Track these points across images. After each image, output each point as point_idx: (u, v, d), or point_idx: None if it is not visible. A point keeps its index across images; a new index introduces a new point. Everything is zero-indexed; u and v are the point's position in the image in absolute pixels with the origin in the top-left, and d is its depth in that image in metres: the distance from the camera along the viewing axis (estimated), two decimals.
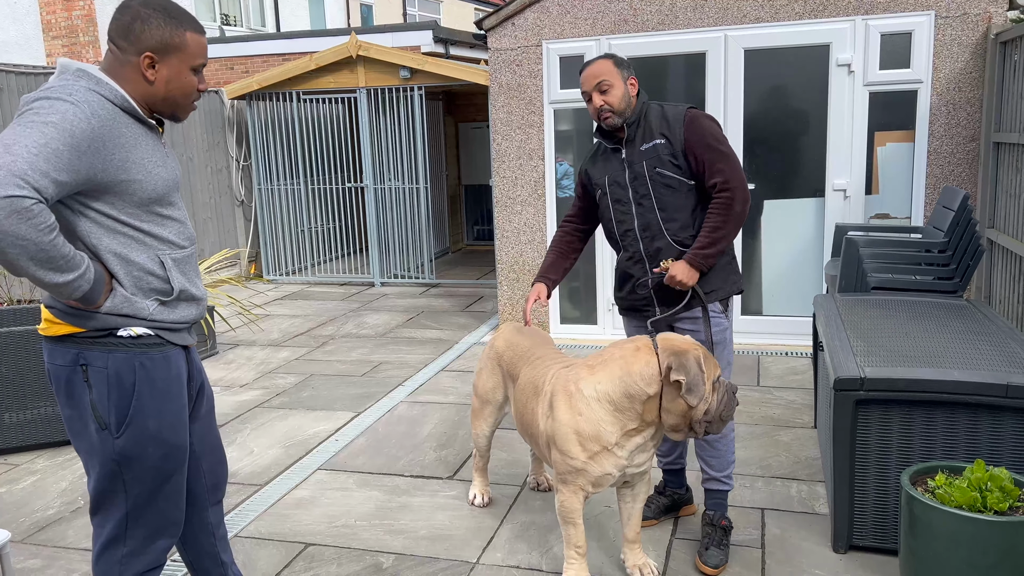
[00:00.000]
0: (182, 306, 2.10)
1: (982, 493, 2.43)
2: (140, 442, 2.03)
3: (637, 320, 3.15)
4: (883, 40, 5.29)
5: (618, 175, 3.01)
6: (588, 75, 2.95)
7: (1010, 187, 4.79)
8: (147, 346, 2.02)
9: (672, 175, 2.92)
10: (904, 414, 2.82)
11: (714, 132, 2.91)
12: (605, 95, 2.91)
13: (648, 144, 2.95)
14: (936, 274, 4.02)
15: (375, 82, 8.30)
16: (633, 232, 3.02)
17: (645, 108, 2.99)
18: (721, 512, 3.08)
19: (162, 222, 2.04)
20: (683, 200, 2.94)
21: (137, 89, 1.99)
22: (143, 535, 2.11)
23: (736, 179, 2.86)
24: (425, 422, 4.52)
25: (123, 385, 1.99)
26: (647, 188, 2.95)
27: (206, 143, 8.81)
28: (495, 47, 6.06)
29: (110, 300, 1.96)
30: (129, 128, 1.95)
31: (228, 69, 10.40)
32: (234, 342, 6.46)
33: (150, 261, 2.01)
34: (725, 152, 2.89)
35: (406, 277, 8.80)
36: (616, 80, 2.91)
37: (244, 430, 4.50)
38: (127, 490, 2.06)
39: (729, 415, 2.55)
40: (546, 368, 2.87)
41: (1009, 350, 3.00)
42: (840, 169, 5.49)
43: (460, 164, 10.96)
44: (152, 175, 1.98)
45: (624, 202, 3.02)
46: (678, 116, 2.93)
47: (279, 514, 3.47)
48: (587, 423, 2.58)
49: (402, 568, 3.01)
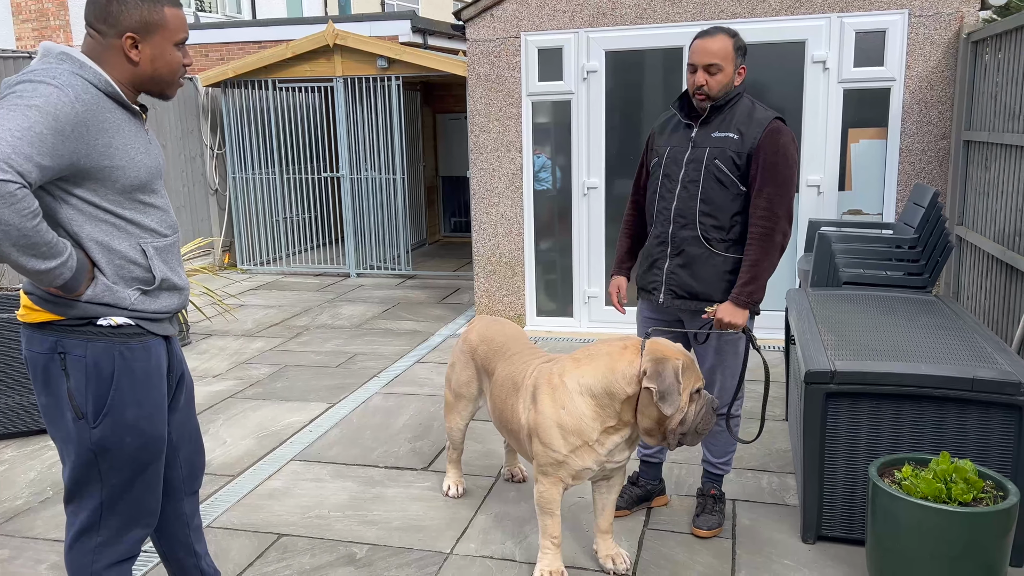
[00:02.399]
0: (164, 295, 2.07)
1: (947, 485, 2.48)
2: (117, 432, 2.01)
3: (647, 308, 3.15)
4: (857, 38, 5.34)
5: (679, 151, 2.95)
6: (703, 49, 2.81)
7: (979, 185, 4.87)
8: (127, 336, 2.00)
9: (728, 173, 2.86)
10: (873, 407, 2.87)
11: (788, 153, 2.81)
12: (710, 76, 2.82)
13: (721, 134, 2.87)
14: (906, 270, 4.08)
15: (352, 71, 8.24)
16: (668, 212, 2.96)
17: (737, 98, 2.90)
18: (711, 484, 3.20)
19: (145, 210, 2.01)
20: (728, 201, 2.88)
21: (123, 72, 1.96)
22: (117, 525, 2.09)
23: (782, 210, 2.79)
24: (400, 413, 4.51)
25: (101, 374, 1.97)
26: (699, 174, 2.89)
27: (180, 130, 8.70)
28: (473, 38, 6.04)
29: (91, 289, 1.94)
30: (112, 113, 1.92)
31: (203, 56, 10.27)
32: (207, 332, 6.40)
33: (132, 249, 1.99)
34: (785, 178, 2.80)
35: (382, 268, 8.76)
36: (728, 66, 2.82)
37: (217, 420, 4.46)
38: (103, 479, 2.04)
39: (705, 429, 2.55)
40: (525, 364, 2.87)
41: (975, 345, 3.06)
42: (814, 165, 5.55)
43: (437, 155, 10.92)
44: (135, 162, 1.96)
45: (673, 179, 2.96)
46: (762, 120, 2.84)
47: (252, 505, 3.46)
48: (569, 416, 2.59)
49: (375, 559, 3.01)
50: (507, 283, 6.31)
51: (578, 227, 6.05)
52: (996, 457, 2.78)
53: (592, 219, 6.01)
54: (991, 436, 2.78)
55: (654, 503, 3.36)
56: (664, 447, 2.61)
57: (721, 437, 3.13)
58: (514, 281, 6.28)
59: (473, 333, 3.29)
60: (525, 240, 6.20)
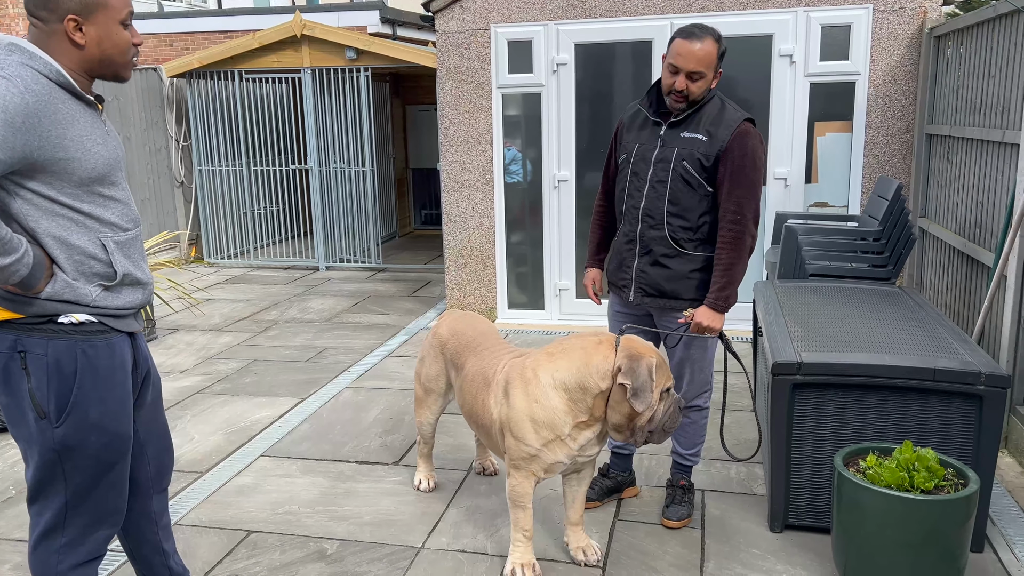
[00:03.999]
0: (127, 291, 2.03)
1: (910, 473, 2.53)
2: (81, 431, 1.97)
3: (618, 302, 3.16)
4: (823, 32, 5.40)
5: (647, 150, 2.94)
6: (691, 55, 2.75)
7: (941, 177, 4.96)
8: (89, 333, 1.96)
9: (695, 175, 2.85)
10: (838, 397, 2.92)
11: (755, 156, 2.81)
12: (692, 83, 2.79)
13: (690, 134, 2.86)
14: (871, 262, 4.15)
15: (320, 62, 8.15)
16: (636, 211, 2.96)
17: (708, 98, 2.88)
18: (681, 475, 3.24)
19: (104, 203, 1.96)
20: (696, 202, 2.88)
21: (71, 58, 1.90)
22: (82, 524, 2.06)
23: (751, 212, 2.81)
24: (371, 408, 4.49)
25: (63, 373, 1.93)
26: (667, 175, 2.88)
27: (144, 122, 8.55)
28: (443, 30, 6.01)
29: (50, 286, 1.89)
30: (65, 104, 1.87)
31: (167, 46, 10.08)
32: (174, 327, 6.31)
33: (92, 244, 1.94)
34: (752, 181, 2.80)
35: (352, 261, 8.70)
36: (710, 73, 2.81)
37: (184, 417, 4.41)
38: (66, 479, 2.00)
39: (672, 427, 2.58)
40: (495, 358, 2.87)
41: (937, 335, 3.12)
42: (781, 158, 5.61)
43: (408, 147, 10.85)
44: (91, 153, 1.91)
45: (641, 178, 2.95)
46: (731, 122, 2.83)
47: (220, 501, 3.42)
48: (542, 410, 2.60)
49: (346, 554, 3.00)
50: (478, 276, 6.30)
51: (549, 220, 6.06)
52: (957, 445, 2.84)
53: (563, 212, 6.02)
54: (952, 425, 2.83)
55: (624, 494, 3.38)
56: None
57: (690, 429, 3.16)
58: (485, 274, 6.27)
59: (443, 327, 3.28)
60: (496, 233, 6.19)
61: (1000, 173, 3.96)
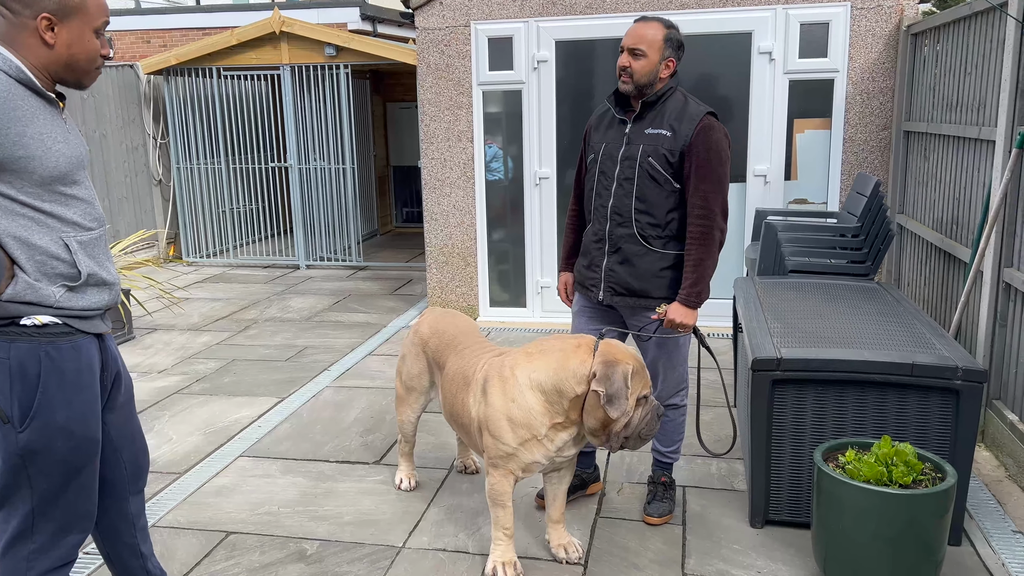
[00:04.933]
0: (91, 291, 1.98)
1: (888, 468, 2.55)
2: (47, 435, 1.93)
3: (585, 299, 3.14)
4: (802, 30, 5.43)
5: (614, 148, 2.94)
6: (633, 32, 2.83)
7: (918, 174, 5.00)
8: (54, 335, 1.92)
9: (661, 171, 2.85)
10: (818, 393, 2.93)
11: (720, 150, 2.81)
12: (634, 59, 2.82)
13: (654, 130, 2.86)
14: (849, 258, 4.17)
15: (299, 59, 8.09)
16: (604, 210, 2.96)
17: (669, 93, 2.89)
18: (662, 471, 3.23)
19: (66, 202, 1.92)
20: (663, 198, 2.88)
21: (37, 56, 1.86)
22: (52, 530, 2.02)
23: (718, 207, 2.81)
24: (351, 407, 4.46)
25: (27, 376, 1.89)
26: (633, 172, 2.88)
27: (120, 119, 8.45)
28: (423, 26, 5.98)
29: (11, 287, 1.85)
30: (25, 101, 1.82)
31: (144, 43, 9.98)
32: (152, 326, 6.25)
33: (54, 244, 1.90)
34: (719, 175, 2.81)
35: (332, 260, 8.65)
36: (653, 54, 2.81)
37: (162, 417, 4.36)
38: (32, 485, 1.96)
39: (649, 435, 2.56)
40: (476, 357, 2.86)
41: (915, 331, 3.14)
42: (761, 155, 5.63)
43: (388, 145, 10.80)
44: (51, 151, 1.86)
45: (608, 176, 2.95)
46: (694, 116, 2.83)
47: (199, 502, 3.39)
48: (519, 410, 2.59)
49: (327, 554, 2.98)
50: (460, 274, 6.28)
51: (530, 217, 6.05)
52: (935, 440, 2.86)
53: (544, 209, 6.01)
54: (930, 419, 2.86)
55: (588, 491, 3.37)
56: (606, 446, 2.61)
57: (669, 427, 3.16)
58: (467, 272, 6.26)
59: (424, 325, 3.26)
60: (477, 230, 6.18)
61: (976, 169, 4.00)
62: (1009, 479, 3.43)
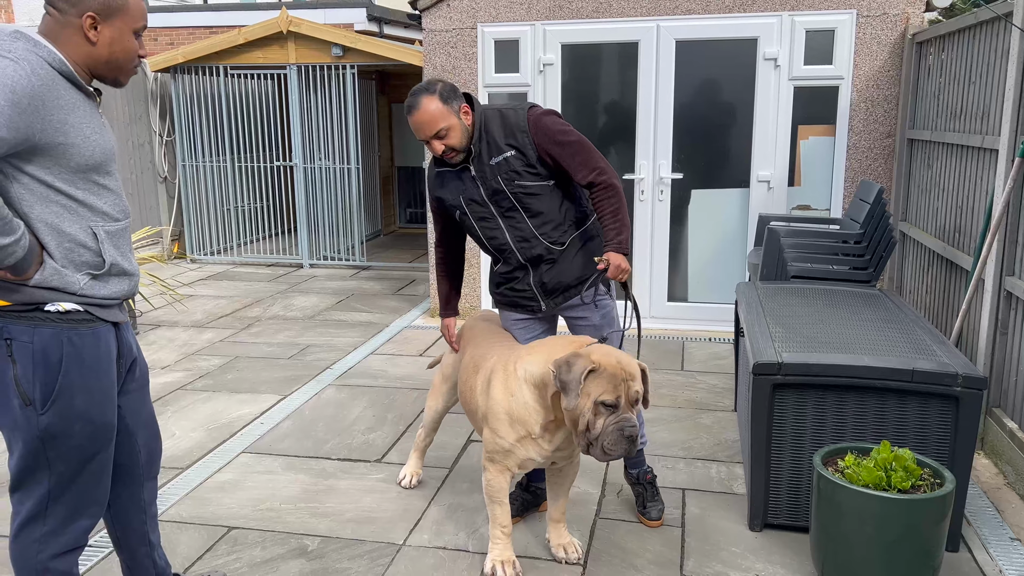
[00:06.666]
0: (113, 281, 2.05)
1: (887, 472, 2.56)
2: (66, 419, 1.99)
3: (518, 313, 3.08)
4: (808, 36, 5.45)
5: (473, 193, 2.90)
6: (420, 124, 2.75)
7: (921, 182, 5.01)
8: (76, 322, 1.98)
9: (534, 183, 2.84)
10: (818, 398, 2.95)
11: (559, 127, 2.81)
12: (445, 139, 2.77)
13: (498, 158, 2.82)
14: (852, 264, 4.19)
15: (306, 59, 8.12)
16: (508, 245, 2.94)
17: (483, 119, 2.84)
18: (641, 467, 3.21)
19: (98, 191, 1.99)
20: (550, 202, 2.89)
21: (79, 52, 1.94)
22: (64, 515, 2.06)
23: (601, 161, 2.82)
24: (353, 405, 4.48)
25: (49, 361, 1.95)
26: (511, 202, 2.86)
27: (127, 116, 8.48)
28: (429, 28, 6.01)
29: (39, 273, 1.91)
30: (67, 92, 1.91)
31: (152, 40, 10.01)
32: (156, 322, 6.27)
33: (82, 232, 1.96)
34: (578, 141, 2.81)
35: (336, 259, 8.67)
36: (451, 120, 2.75)
37: (166, 413, 4.38)
38: (50, 467, 2.01)
39: (612, 450, 2.41)
40: (489, 347, 2.90)
41: (916, 337, 3.16)
42: (765, 161, 5.65)
43: (393, 145, 10.83)
44: (90, 141, 1.94)
45: (489, 218, 2.92)
46: (521, 123, 2.81)
47: (201, 498, 3.41)
48: (517, 404, 2.61)
49: (327, 550, 2.99)
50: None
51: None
52: (934, 446, 2.88)
53: None
54: (929, 425, 2.87)
55: (541, 508, 3.27)
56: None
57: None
58: (469, 273, 6.27)
59: (467, 322, 3.31)
60: None
61: (979, 178, 4.02)
62: (1008, 486, 3.44)
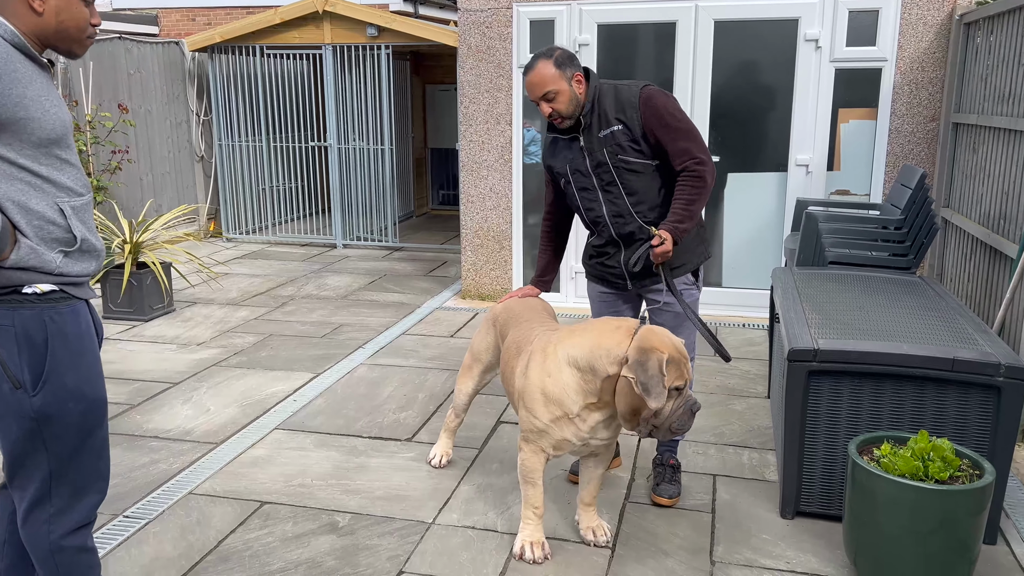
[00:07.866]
0: (84, 257, 2.00)
1: (924, 463, 2.51)
2: (59, 399, 1.96)
3: (603, 287, 3.19)
4: (851, 17, 5.32)
5: (579, 164, 3.00)
6: (531, 84, 2.87)
7: (966, 167, 4.89)
8: (54, 300, 1.94)
9: (636, 160, 2.91)
10: (854, 385, 2.90)
11: (671, 109, 2.88)
12: (553, 103, 2.87)
13: (606, 131, 2.91)
14: (891, 251, 4.10)
15: (341, 39, 8.13)
16: (604, 219, 3.03)
17: (597, 93, 2.93)
18: (670, 453, 3.26)
19: (60, 166, 1.94)
20: (649, 182, 2.95)
21: (26, 22, 1.88)
22: (69, 493, 2.04)
23: (703, 152, 2.88)
24: (385, 384, 4.51)
25: (34, 342, 1.91)
26: (612, 176, 2.95)
27: (165, 96, 8.58)
28: (465, 8, 5.97)
29: (15, 253, 1.87)
30: (23, 64, 1.85)
31: (190, 20, 10.10)
32: (192, 300, 6.36)
33: (50, 209, 1.91)
34: (686, 128, 2.87)
35: (369, 240, 8.72)
36: (561, 85, 2.85)
37: (200, 388, 4.45)
38: (48, 449, 1.98)
39: (680, 429, 2.52)
40: (531, 329, 2.90)
41: (957, 326, 3.09)
42: (803, 144, 5.55)
43: (427, 127, 10.83)
44: (49, 114, 1.89)
45: (590, 189, 3.01)
46: (632, 98, 2.88)
47: (234, 472, 3.46)
48: (554, 385, 2.60)
49: (358, 527, 3.02)
50: (494, 257, 6.29)
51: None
52: (974, 436, 2.82)
53: None
54: (969, 416, 2.81)
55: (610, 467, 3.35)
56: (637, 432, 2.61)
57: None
58: (501, 255, 6.27)
59: (500, 304, 3.32)
60: (513, 214, 6.18)
61: None
62: None
